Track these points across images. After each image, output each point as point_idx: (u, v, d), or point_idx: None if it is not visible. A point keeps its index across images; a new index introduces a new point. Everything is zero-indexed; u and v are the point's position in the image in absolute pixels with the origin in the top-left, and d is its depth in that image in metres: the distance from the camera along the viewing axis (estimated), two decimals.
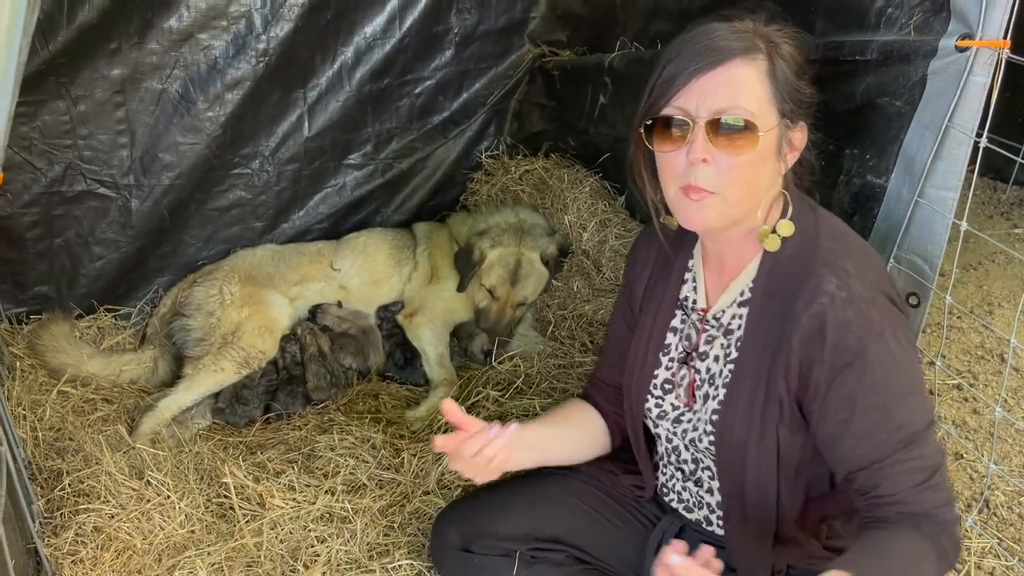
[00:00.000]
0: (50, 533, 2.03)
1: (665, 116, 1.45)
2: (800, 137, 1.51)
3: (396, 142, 3.34)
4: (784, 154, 1.49)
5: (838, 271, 1.41)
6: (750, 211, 1.49)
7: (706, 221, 1.47)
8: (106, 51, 2.70)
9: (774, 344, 1.47)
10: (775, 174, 1.50)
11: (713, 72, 1.41)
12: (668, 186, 1.50)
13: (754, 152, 1.42)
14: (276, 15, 2.89)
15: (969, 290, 3.23)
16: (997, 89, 1.59)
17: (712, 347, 1.61)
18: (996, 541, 2.02)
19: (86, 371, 2.67)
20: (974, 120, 1.62)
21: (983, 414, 2.49)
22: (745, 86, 1.42)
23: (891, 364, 1.38)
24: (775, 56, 1.44)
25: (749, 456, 1.51)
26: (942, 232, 1.73)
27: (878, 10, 1.81)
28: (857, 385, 1.37)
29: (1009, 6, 1.54)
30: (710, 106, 1.41)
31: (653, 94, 1.47)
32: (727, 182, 1.43)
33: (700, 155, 1.41)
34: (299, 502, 2.14)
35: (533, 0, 3.35)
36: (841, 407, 1.39)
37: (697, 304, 1.67)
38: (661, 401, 1.70)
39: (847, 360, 1.37)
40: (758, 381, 1.49)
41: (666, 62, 1.46)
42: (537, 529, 1.78)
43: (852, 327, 1.37)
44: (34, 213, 2.80)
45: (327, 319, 3.01)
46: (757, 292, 1.53)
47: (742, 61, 1.42)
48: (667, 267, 1.74)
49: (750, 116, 1.41)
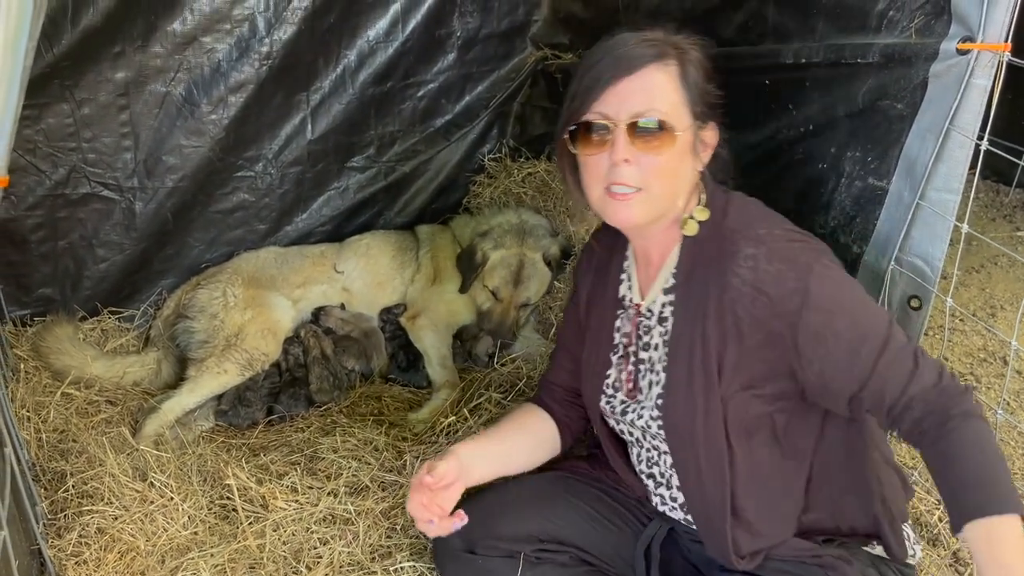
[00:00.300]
0: (54, 534, 2.03)
1: (587, 121, 1.55)
2: (712, 135, 1.62)
3: (399, 145, 3.34)
4: (699, 152, 1.60)
5: (750, 236, 1.52)
6: (671, 205, 1.60)
7: (632, 218, 1.57)
8: (110, 54, 2.71)
9: (704, 318, 1.55)
10: (692, 171, 1.61)
11: (629, 78, 1.52)
12: (592, 189, 1.59)
13: (672, 151, 1.53)
14: (279, 18, 2.90)
15: (972, 293, 3.23)
16: (998, 92, 1.60)
17: (651, 336, 1.70)
18: None
19: (90, 373, 2.68)
20: (975, 123, 1.63)
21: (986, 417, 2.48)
22: (660, 90, 1.53)
23: (834, 287, 1.49)
24: (685, 62, 1.55)
25: (697, 430, 1.57)
26: (943, 235, 1.74)
27: (879, 13, 1.82)
28: (817, 318, 1.46)
29: (1010, 9, 1.55)
30: (629, 109, 1.51)
31: (574, 102, 1.57)
32: (650, 178, 1.53)
33: (622, 156, 1.51)
34: (302, 504, 2.14)
35: (535, 3, 3.36)
36: (815, 345, 1.47)
37: (632, 300, 1.76)
38: (612, 399, 1.77)
39: (797, 303, 1.46)
40: (692, 357, 1.57)
41: (584, 71, 1.56)
42: (540, 530, 1.79)
43: (784, 274, 1.47)
44: (38, 216, 2.82)
45: (330, 321, 3.02)
46: (680, 277, 1.63)
47: (656, 67, 1.53)
48: (606, 271, 1.83)
49: (666, 117, 1.51)
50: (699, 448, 1.58)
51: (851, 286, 1.53)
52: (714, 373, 1.54)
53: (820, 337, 1.46)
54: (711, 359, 1.54)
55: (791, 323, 1.47)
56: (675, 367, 1.61)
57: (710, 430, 1.56)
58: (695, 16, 2.57)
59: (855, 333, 1.46)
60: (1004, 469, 1.36)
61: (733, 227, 1.56)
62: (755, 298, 1.48)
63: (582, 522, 1.81)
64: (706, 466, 1.59)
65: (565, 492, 1.85)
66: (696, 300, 1.58)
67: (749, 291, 1.48)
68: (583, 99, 1.54)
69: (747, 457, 1.58)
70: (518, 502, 1.82)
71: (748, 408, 1.56)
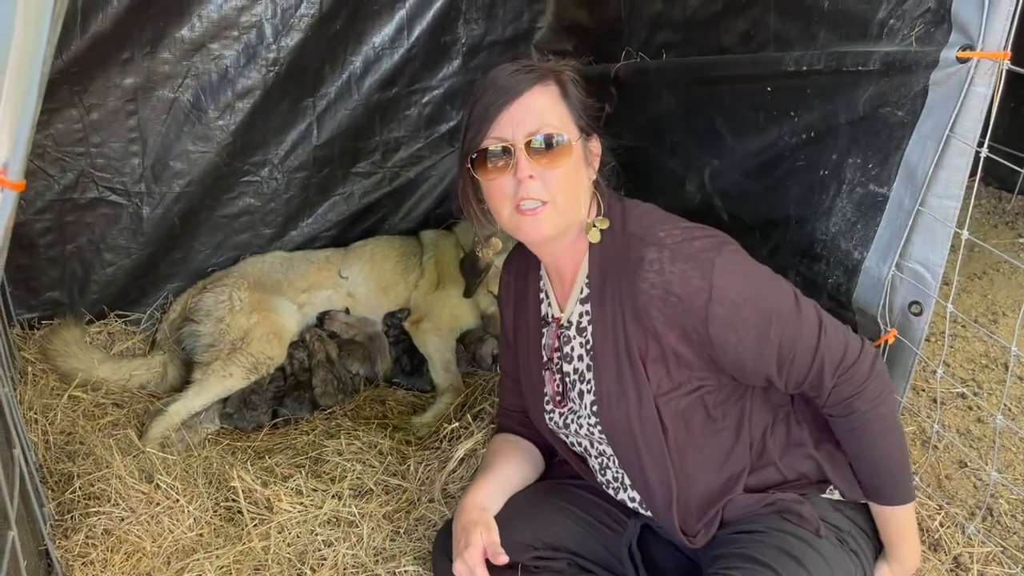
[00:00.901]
0: (61, 535, 2.05)
1: (486, 148, 1.63)
2: (597, 145, 1.73)
3: (404, 150, 3.37)
4: (590, 162, 1.71)
5: (652, 240, 1.59)
6: (576, 215, 1.68)
7: (542, 231, 1.64)
8: (119, 60, 2.75)
9: (623, 321, 1.62)
10: (587, 179, 1.71)
11: (517, 102, 1.61)
12: (501, 210, 1.66)
13: (569, 162, 1.62)
14: (286, 25, 2.93)
15: (974, 299, 3.23)
16: (998, 99, 1.61)
17: (573, 348, 1.76)
18: (1000, 549, 2.02)
19: (97, 376, 2.71)
20: (975, 130, 1.63)
21: (987, 423, 2.49)
22: (547, 108, 1.63)
23: (738, 278, 1.56)
24: (564, 82, 1.67)
25: (633, 424, 1.64)
26: (944, 241, 1.74)
27: (880, 21, 1.83)
28: (725, 310, 1.54)
29: (1010, 17, 1.55)
30: (524, 130, 1.60)
31: (470, 132, 1.65)
32: (555, 191, 1.61)
33: (527, 172, 1.59)
34: (306, 506, 2.16)
35: (540, 11, 3.39)
36: (727, 334, 1.56)
37: (553, 315, 1.82)
38: (552, 413, 1.84)
39: (704, 299, 1.54)
40: (618, 358, 1.64)
41: (473, 103, 1.66)
42: (535, 539, 1.79)
43: (688, 272, 1.54)
44: (47, 220, 2.85)
45: (334, 325, 3.04)
46: (593, 285, 1.70)
47: (538, 89, 1.63)
48: (524, 294, 1.91)
49: (557, 131, 1.61)
50: (638, 441, 1.65)
51: (754, 273, 1.61)
52: (641, 371, 1.62)
53: (731, 326, 1.55)
54: (636, 358, 1.62)
55: (702, 318, 1.55)
56: (602, 370, 1.67)
57: (645, 422, 1.63)
58: (696, 23, 2.58)
59: (761, 318, 1.55)
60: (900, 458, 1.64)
61: (634, 233, 1.64)
62: (665, 299, 1.55)
63: (575, 527, 1.83)
64: (648, 457, 1.66)
65: (556, 499, 1.86)
66: (611, 305, 1.65)
67: (659, 293, 1.56)
68: (478, 128, 1.63)
69: (685, 440, 1.65)
70: (514, 511, 1.82)
71: (678, 397, 1.64)
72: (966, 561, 1.98)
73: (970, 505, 2.18)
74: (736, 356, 1.58)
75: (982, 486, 2.25)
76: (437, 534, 1.89)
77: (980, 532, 2.05)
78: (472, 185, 1.72)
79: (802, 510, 1.63)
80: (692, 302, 1.54)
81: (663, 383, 1.63)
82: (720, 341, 1.57)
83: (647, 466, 1.67)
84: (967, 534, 2.03)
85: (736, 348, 1.57)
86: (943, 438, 2.38)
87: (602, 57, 3.27)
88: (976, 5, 1.58)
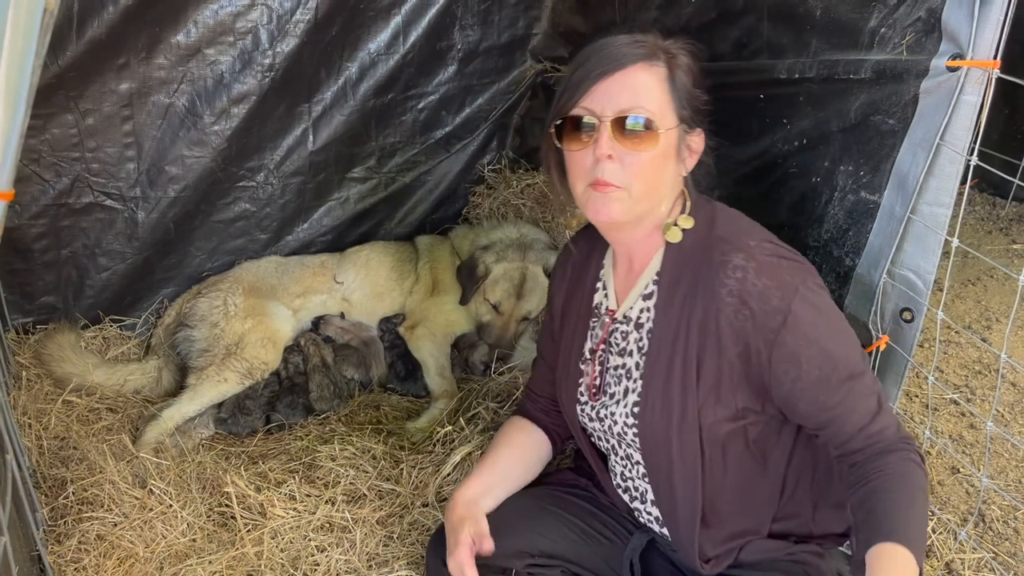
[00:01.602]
0: (54, 541, 2.05)
1: (573, 116, 1.56)
2: (698, 141, 1.63)
3: (399, 156, 3.38)
4: (684, 157, 1.61)
5: (741, 246, 1.52)
6: (653, 207, 1.60)
7: (612, 214, 1.56)
8: (114, 66, 2.74)
9: (687, 327, 1.56)
10: (676, 175, 1.62)
11: (616, 75, 1.53)
12: (577, 183, 1.60)
13: (655, 149, 1.53)
14: (282, 31, 2.93)
15: (968, 305, 3.24)
16: (987, 108, 1.62)
17: (627, 342, 1.70)
18: (991, 555, 2.03)
19: (91, 381, 2.70)
20: (965, 138, 1.65)
21: (980, 429, 2.50)
22: (646, 89, 1.54)
23: (816, 313, 1.49)
24: (674, 65, 1.57)
25: (672, 438, 1.58)
26: (935, 248, 1.76)
27: (871, 30, 1.84)
28: (794, 341, 1.47)
29: (999, 26, 1.57)
30: (615, 106, 1.52)
31: (563, 97, 1.58)
32: (632, 177, 1.53)
33: (606, 151, 1.52)
34: (300, 512, 2.16)
35: (535, 17, 3.40)
36: (788, 365, 1.49)
37: (607, 307, 1.77)
38: (585, 405, 1.78)
39: (779, 322, 1.47)
40: (672, 365, 1.58)
41: (574, 68, 1.58)
42: (532, 545, 1.78)
43: (770, 291, 1.47)
44: (41, 224, 2.84)
45: (330, 330, 3.04)
46: (663, 283, 1.63)
47: (643, 66, 1.54)
48: (581, 280, 1.84)
49: (651, 116, 1.52)
50: (673, 456, 1.59)
51: (833, 315, 1.54)
52: (693, 382, 1.55)
53: (794, 359, 1.48)
54: (691, 368, 1.55)
55: (769, 340, 1.48)
56: (653, 374, 1.61)
57: (685, 439, 1.57)
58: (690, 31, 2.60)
59: (828, 361, 1.48)
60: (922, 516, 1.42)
61: (721, 236, 1.57)
62: (738, 310, 1.49)
63: (571, 535, 1.81)
64: (679, 474, 1.60)
65: (553, 506, 1.85)
66: (680, 308, 1.58)
67: (734, 302, 1.49)
68: (571, 95, 1.55)
69: (720, 466, 1.60)
70: (507, 519, 1.81)
71: (722, 419, 1.57)
72: (958, 567, 1.99)
73: (962, 511, 2.19)
74: (790, 391, 1.51)
75: (974, 492, 2.25)
76: (431, 538, 1.89)
77: (972, 538, 2.06)
78: (556, 152, 1.64)
79: (821, 564, 1.60)
80: (764, 321, 1.48)
81: (710, 402, 1.56)
82: (779, 371, 1.50)
83: (676, 482, 1.61)
84: (959, 540, 2.03)
85: (793, 383, 1.49)
86: (935, 444, 2.39)
87: None
88: (966, 15, 1.60)
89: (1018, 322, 3.01)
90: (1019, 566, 2.02)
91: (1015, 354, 2.84)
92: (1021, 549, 2.08)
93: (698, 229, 1.61)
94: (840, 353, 1.50)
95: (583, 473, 1.95)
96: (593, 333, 1.79)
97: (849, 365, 1.49)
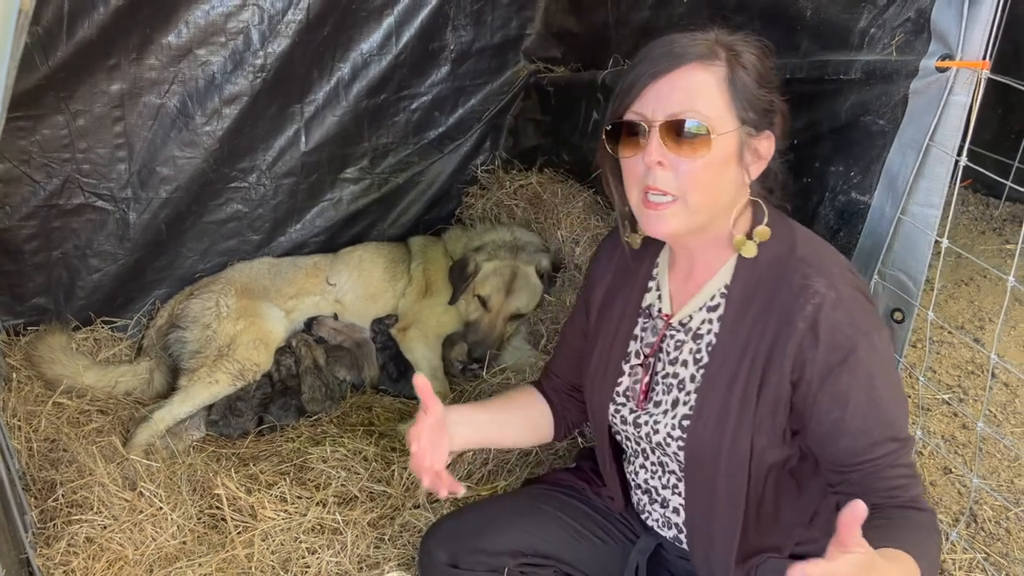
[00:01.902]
0: (43, 543, 2.04)
1: (624, 121, 1.48)
2: (767, 146, 1.51)
3: (392, 157, 3.37)
4: (747, 163, 1.50)
5: (824, 272, 1.44)
6: (714, 217, 1.50)
7: (667, 229, 1.49)
8: (105, 66, 2.74)
9: (756, 350, 1.48)
10: (738, 182, 1.50)
11: (669, 76, 1.44)
12: (631, 192, 1.52)
13: (709, 156, 1.42)
14: (274, 31, 2.93)
15: (960, 305, 3.24)
16: (977, 108, 1.62)
17: (681, 352, 1.62)
18: (983, 556, 2.02)
19: (82, 382, 2.70)
20: (955, 139, 1.64)
21: (972, 429, 2.50)
22: (701, 90, 1.43)
23: (878, 362, 1.42)
24: (735, 63, 1.45)
25: (721, 459, 1.51)
26: (925, 249, 1.75)
27: (861, 31, 1.84)
28: (849, 382, 1.40)
29: (989, 27, 1.56)
30: (665, 109, 1.43)
31: (615, 101, 1.50)
32: (686, 185, 1.44)
33: (655, 158, 1.43)
34: (290, 514, 2.16)
35: (528, 17, 3.40)
36: (834, 405, 1.41)
37: (662, 310, 1.68)
38: (622, 407, 1.71)
39: (840, 358, 1.40)
40: (733, 386, 1.50)
41: (628, 70, 1.50)
42: (525, 545, 1.77)
43: (843, 327, 1.40)
44: (32, 226, 2.83)
45: (323, 331, 3.03)
46: (733, 298, 1.54)
47: (699, 66, 1.44)
48: (628, 276, 1.75)
49: (704, 120, 1.42)
50: (719, 475, 1.52)
51: (893, 374, 1.47)
52: (752, 405, 1.48)
53: (841, 401, 1.41)
54: (753, 390, 1.48)
55: (823, 375, 1.41)
56: (711, 390, 1.53)
57: (734, 460, 1.51)
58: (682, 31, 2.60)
59: (874, 414, 1.41)
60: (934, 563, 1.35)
61: (803, 258, 1.47)
62: (805, 336, 1.42)
63: (565, 536, 1.80)
64: (722, 494, 1.54)
65: (548, 506, 1.83)
66: (750, 327, 1.50)
67: (805, 328, 1.42)
68: (622, 98, 1.48)
69: (760, 490, 1.55)
70: (501, 517, 1.81)
71: (773, 445, 1.51)
72: (949, 568, 1.98)
73: (954, 512, 2.19)
74: (828, 432, 1.43)
75: (966, 492, 2.25)
76: (422, 539, 1.88)
77: (963, 539, 2.06)
78: (611, 159, 1.55)
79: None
80: (827, 355, 1.40)
81: (764, 427, 1.49)
82: (824, 408, 1.42)
83: (718, 503, 1.55)
84: (950, 540, 2.03)
85: (835, 424, 1.42)
86: (928, 444, 2.39)
87: (590, 64, 3.28)
88: (955, 15, 1.59)
89: (1010, 322, 3.01)
90: (1011, 566, 2.02)
91: (1007, 354, 2.84)
92: (1013, 549, 2.08)
93: (774, 246, 1.52)
94: (890, 411, 1.43)
95: (582, 477, 1.91)
96: (643, 336, 1.70)
97: (894, 428, 1.43)
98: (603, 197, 3.26)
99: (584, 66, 3.36)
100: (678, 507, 1.69)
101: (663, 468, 1.68)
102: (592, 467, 1.92)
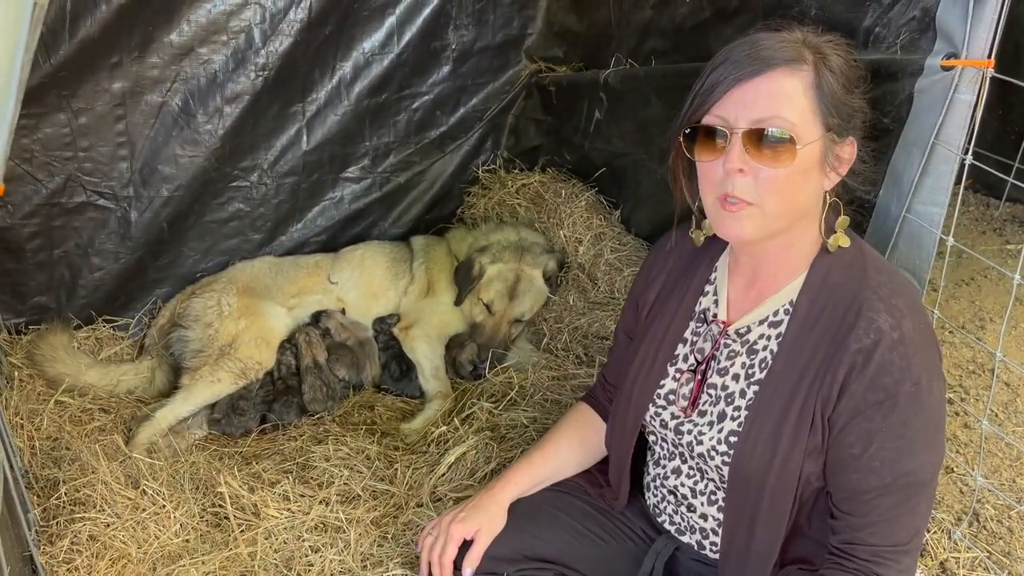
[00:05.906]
0: (46, 542, 2.04)
1: (704, 125, 1.43)
2: (850, 151, 1.47)
3: (394, 156, 3.37)
4: (829, 169, 1.46)
5: (892, 308, 1.41)
6: (789, 225, 1.46)
7: (742, 233, 1.45)
8: (107, 65, 2.73)
9: (814, 373, 1.45)
10: (818, 189, 1.47)
11: (754, 81, 1.39)
12: (706, 195, 1.48)
13: (792, 165, 1.38)
14: (276, 30, 2.92)
15: (962, 305, 3.24)
16: (982, 107, 1.62)
17: (733, 364, 1.58)
18: (985, 554, 2.03)
19: (84, 381, 2.69)
20: (960, 137, 1.64)
21: (974, 428, 2.50)
22: (787, 97, 1.39)
23: (917, 411, 1.39)
24: (822, 68, 1.41)
25: (768, 482, 1.48)
26: (930, 247, 1.75)
27: (866, 29, 1.85)
28: (880, 423, 1.38)
29: (993, 26, 1.57)
30: (749, 116, 1.38)
31: (694, 102, 1.45)
32: (766, 193, 1.40)
33: (736, 165, 1.39)
34: (293, 512, 2.16)
35: (530, 16, 3.40)
36: (858, 440, 1.40)
37: (718, 316, 1.64)
38: (662, 411, 1.67)
39: (878, 399, 1.38)
40: (788, 408, 1.47)
41: (711, 69, 1.44)
42: (527, 548, 1.75)
43: (893, 369, 1.37)
44: (34, 224, 2.83)
45: (330, 323, 3.02)
46: (797, 318, 1.50)
47: (785, 71, 1.39)
48: (684, 277, 1.72)
49: (790, 128, 1.38)
50: (764, 495, 1.49)
51: (932, 424, 1.43)
52: (806, 429, 1.44)
53: (866, 440, 1.40)
54: (807, 414, 1.44)
55: (858, 409, 1.39)
56: (764, 412, 1.50)
57: (782, 482, 1.47)
58: (685, 30, 2.60)
59: (895, 464, 1.40)
60: None
61: (875, 288, 1.43)
62: (855, 366, 1.39)
63: (569, 538, 1.77)
64: (765, 514, 1.51)
65: (550, 506, 1.81)
66: (812, 350, 1.46)
67: (858, 360, 1.39)
68: (703, 100, 1.42)
69: (806, 511, 1.53)
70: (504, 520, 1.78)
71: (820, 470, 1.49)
72: (952, 567, 1.99)
73: (956, 510, 2.19)
74: (842, 460, 1.42)
75: (968, 491, 2.25)
76: None
77: (966, 537, 2.06)
78: (685, 159, 1.51)
79: None
80: (865, 391, 1.38)
81: (814, 452, 1.46)
82: (848, 441, 1.41)
83: (760, 522, 1.51)
84: (953, 539, 2.03)
85: (855, 460, 1.41)
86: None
87: (592, 63, 3.29)
88: (960, 14, 1.59)
89: (1012, 322, 3.01)
90: (1013, 565, 2.02)
91: (1008, 354, 2.84)
92: (1015, 548, 2.08)
93: (844, 267, 1.49)
94: (911, 463, 1.40)
95: (583, 476, 1.89)
96: (695, 340, 1.66)
97: (911, 479, 1.41)
98: (605, 196, 3.27)
99: (586, 65, 3.36)
100: (706, 514, 1.66)
101: (702, 475, 1.65)
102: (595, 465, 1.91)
